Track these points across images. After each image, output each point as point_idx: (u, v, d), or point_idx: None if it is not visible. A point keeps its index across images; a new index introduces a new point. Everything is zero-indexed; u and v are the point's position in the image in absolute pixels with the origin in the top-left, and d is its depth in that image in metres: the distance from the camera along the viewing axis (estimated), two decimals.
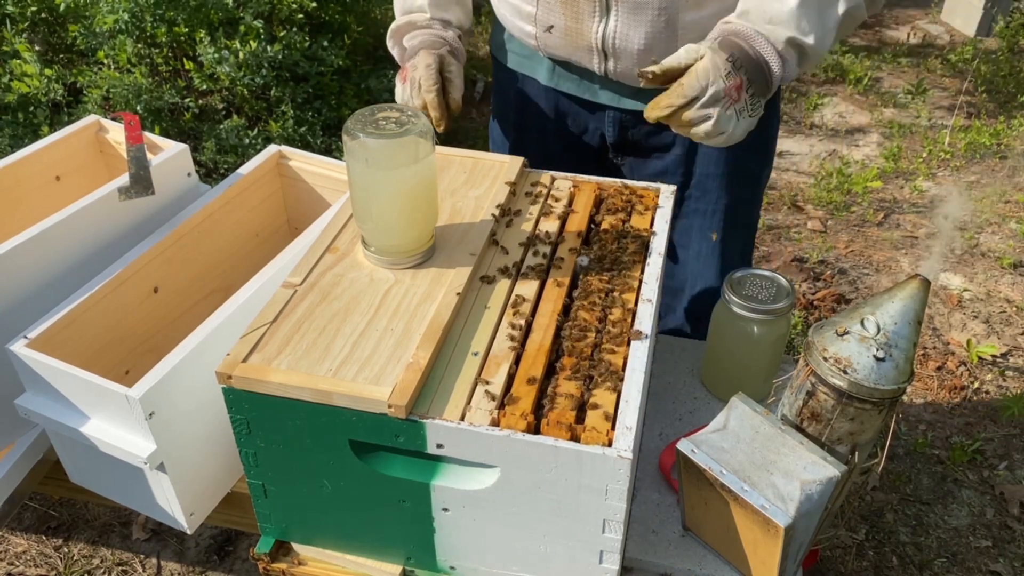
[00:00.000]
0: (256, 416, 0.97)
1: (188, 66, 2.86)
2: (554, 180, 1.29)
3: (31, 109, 2.72)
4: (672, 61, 1.11)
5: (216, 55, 2.74)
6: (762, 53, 1.13)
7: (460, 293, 1.05)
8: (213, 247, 1.43)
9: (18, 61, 2.73)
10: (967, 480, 2.17)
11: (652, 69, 1.11)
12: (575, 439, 0.89)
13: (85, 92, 2.74)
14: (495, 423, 0.90)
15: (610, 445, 0.88)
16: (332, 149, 2.98)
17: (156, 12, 2.72)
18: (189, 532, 1.23)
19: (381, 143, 1.00)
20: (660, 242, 1.15)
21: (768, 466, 0.97)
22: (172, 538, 1.97)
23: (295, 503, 1.06)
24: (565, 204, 1.24)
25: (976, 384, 2.47)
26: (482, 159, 1.31)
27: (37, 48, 2.89)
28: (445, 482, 0.96)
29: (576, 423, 0.90)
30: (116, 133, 1.50)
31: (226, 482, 1.27)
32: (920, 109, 3.96)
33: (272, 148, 1.53)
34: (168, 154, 1.42)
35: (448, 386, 0.94)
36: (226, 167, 2.83)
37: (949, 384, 2.45)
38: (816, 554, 1.76)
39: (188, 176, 1.46)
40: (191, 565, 1.92)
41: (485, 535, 1.00)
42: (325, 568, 1.12)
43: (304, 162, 1.52)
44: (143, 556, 1.93)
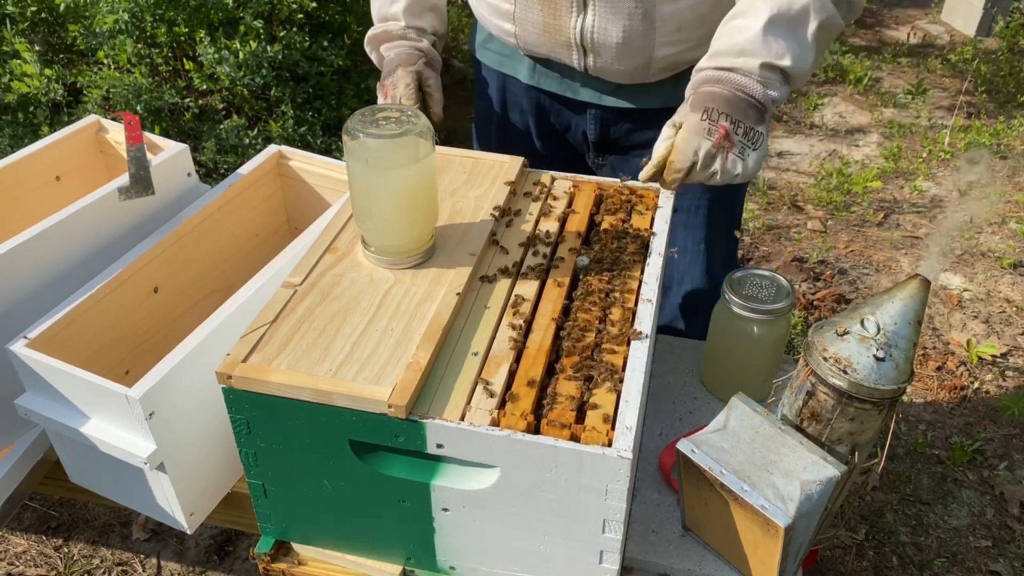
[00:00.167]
0: (256, 416, 0.97)
1: (188, 66, 2.86)
2: (554, 180, 1.29)
3: (31, 109, 2.72)
4: (659, 149, 1.16)
5: (216, 55, 2.74)
6: (739, 89, 1.14)
7: (460, 293, 1.05)
8: (213, 247, 1.43)
9: (18, 61, 2.73)
10: (967, 480, 2.17)
11: (648, 168, 1.16)
12: (575, 439, 0.89)
13: (85, 92, 2.74)
14: (495, 423, 0.90)
15: (610, 445, 0.88)
16: (332, 149, 2.98)
17: (156, 12, 2.72)
18: (189, 532, 1.23)
19: (381, 143, 1.00)
20: (660, 242, 1.15)
21: (768, 466, 0.97)
22: (172, 538, 1.97)
23: (295, 503, 1.06)
24: (565, 204, 1.24)
25: (976, 384, 2.47)
26: (482, 159, 1.31)
27: (37, 48, 2.89)
28: (445, 482, 0.96)
29: (576, 423, 0.91)
30: (116, 133, 1.50)
31: (226, 482, 1.27)
32: (920, 109, 3.96)
33: (272, 148, 1.53)
34: (168, 154, 1.42)
35: (448, 386, 0.94)
36: (226, 167, 2.83)
37: (949, 384, 2.45)
38: (816, 554, 1.76)
39: (188, 176, 1.46)
40: (191, 565, 1.92)
41: (485, 535, 1.00)
42: (325, 568, 1.12)
43: (304, 162, 1.52)
44: (143, 556, 1.93)
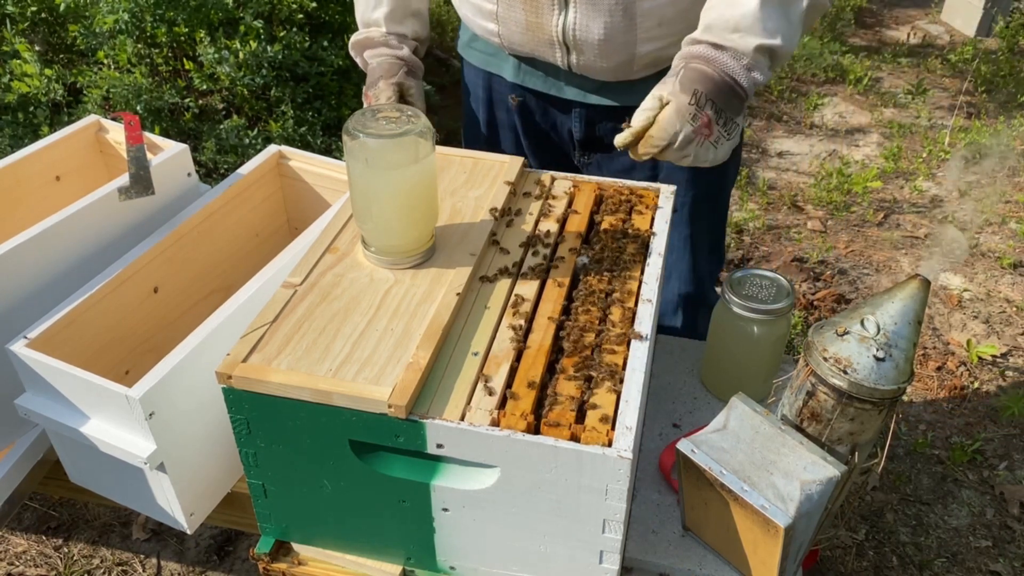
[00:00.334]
0: (256, 416, 0.97)
1: (188, 66, 2.86)
2: (554, 180, 1.29)
3: (31, 109, 2.72)
4: (640, 118, 1.15)
5: (216, 55, 2.74)
6: (728, 73, 1.14)
7: (460, 293, 1.05)
8: (213, 247, 1.43)
9: (18, 61, 2.73)
10: (967, 480, 2.17)
11: (626, 134, 1.15)
12: (575, 439, 0.89)
13: (85, 92, 2.74)
14: (495, 423, 0.90)
15: (610, 445, 0.88)
16: (332, 149, 2.98)
17: (156, 12, 2.72)
18: (189, 532, 1.23)
19: (381, 143, 1.00)
20: (660, 242, 1.15)
21: (768, 466, 0.97)
22: (172, 538, 1.97)
23: (295, 503, 1.06)
24: (565, 204, 1.24)
25: (976, 384, 2.47)
26: (482, 159, 1.31)
27: (37, 48, 2.89)
28: (445, 482, 0.96)
29: (576, 423, 0.91)
30: (116, 133, 1.50)
31: (226, 482, 1.27)
32: (920, 109, 3.96)
33: (272, 148, 1.53)
34: (168, 154, 1.42)
35: (448, 386, 0.94)
36: (226, 167, 2.83)
37: (949, 384, 2.45)
38: (816, 554, 1.76)
39: (188, 176, 1.47)
40: (191, 565, 1.92)
41: (485, 535, 1.00)
42: (325, 568, 1.12)
43: (304, 162, 1.52)
44: (143, 556, 1.93)
